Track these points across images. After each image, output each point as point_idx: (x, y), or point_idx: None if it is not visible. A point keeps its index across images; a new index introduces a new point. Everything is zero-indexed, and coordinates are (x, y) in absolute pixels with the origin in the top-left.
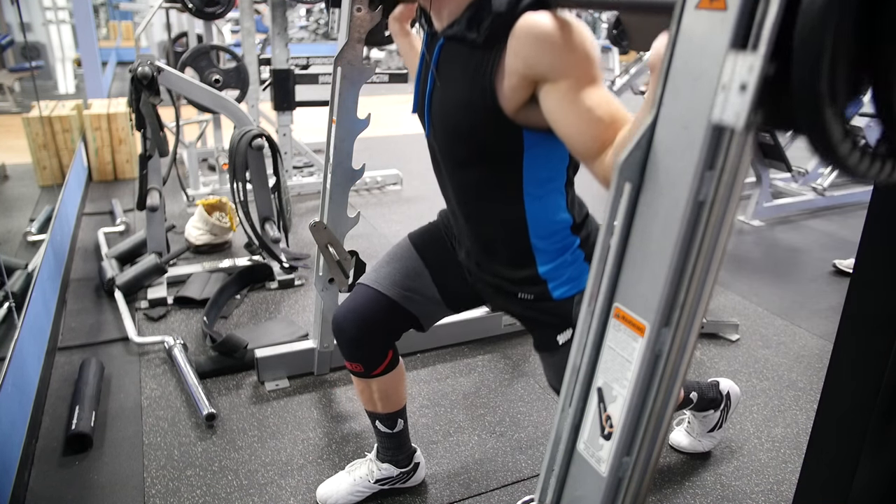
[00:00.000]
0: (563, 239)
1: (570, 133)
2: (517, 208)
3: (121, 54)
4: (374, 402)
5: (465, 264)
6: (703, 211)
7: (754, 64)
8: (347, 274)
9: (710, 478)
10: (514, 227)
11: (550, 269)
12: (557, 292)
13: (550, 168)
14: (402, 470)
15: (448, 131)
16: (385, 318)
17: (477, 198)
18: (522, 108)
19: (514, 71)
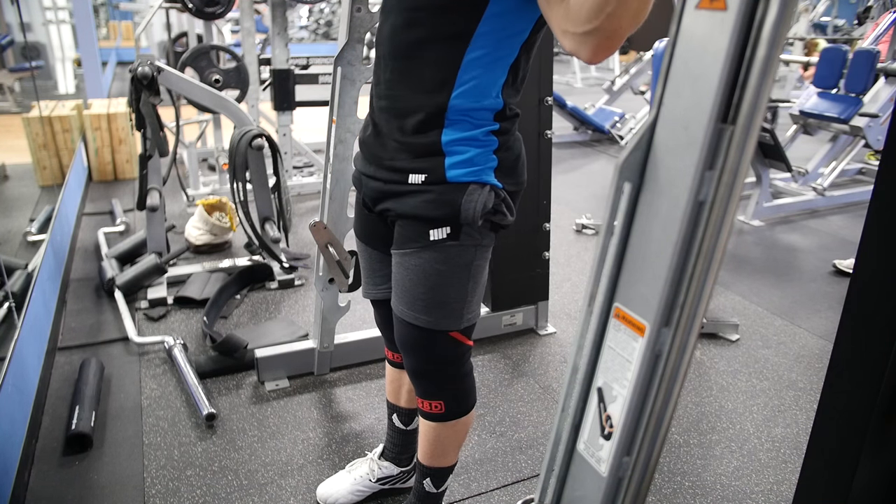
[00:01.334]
0: (482, 117)
1: None
2: (453, 62)
3: (121, 54)
4: (400, 394)
5: (362, 170)
6: (703, 211)
7: None
8: (347, 274)
9: (710, 478)
10: (440, 82)
11: (454, 139)
12: (452, 172)
13: (505, 40)
14: (403, 469)
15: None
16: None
17: (418, 41)
18: None
19: None
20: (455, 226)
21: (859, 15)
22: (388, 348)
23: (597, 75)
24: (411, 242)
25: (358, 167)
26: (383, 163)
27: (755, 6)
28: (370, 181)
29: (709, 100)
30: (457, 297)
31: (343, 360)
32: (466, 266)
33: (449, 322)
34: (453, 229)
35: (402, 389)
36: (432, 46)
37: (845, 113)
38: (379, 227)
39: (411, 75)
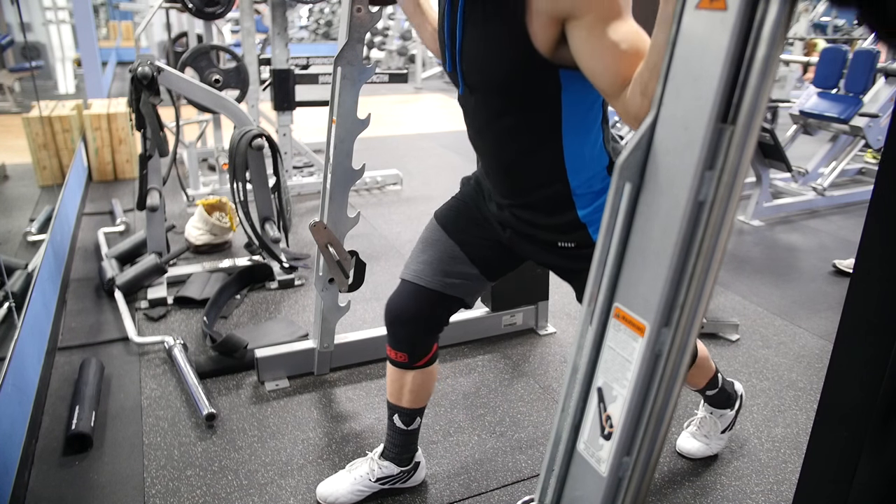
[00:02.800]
0: (601, 180)
1: (595, 68)
2: (556, 151)
3: (121, 54)
4: (401, 394)
5: (501, 219)
6: (703, 211)
7: None
8: (347, 274)
9: (710, 478)
10: (553, 171)
11: (590, 211)
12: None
13: (587, 106)
14: (403, 469)
15: (484, 82)
16: (433, 311)
17: (516, 145)
18: (556, 47)
19: (540, 10)
20: None
21: None
22: (391, 347)
23: None
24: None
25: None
26: (525, 233)
27: (755, 6)
28: (511, 234)
29: (709, 100)
30: None
31: (343, 360)
32: None
33: None
34: None
35: (403, 389)
36: (533, 152)
37: (845, 113)
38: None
39: (526, 181)
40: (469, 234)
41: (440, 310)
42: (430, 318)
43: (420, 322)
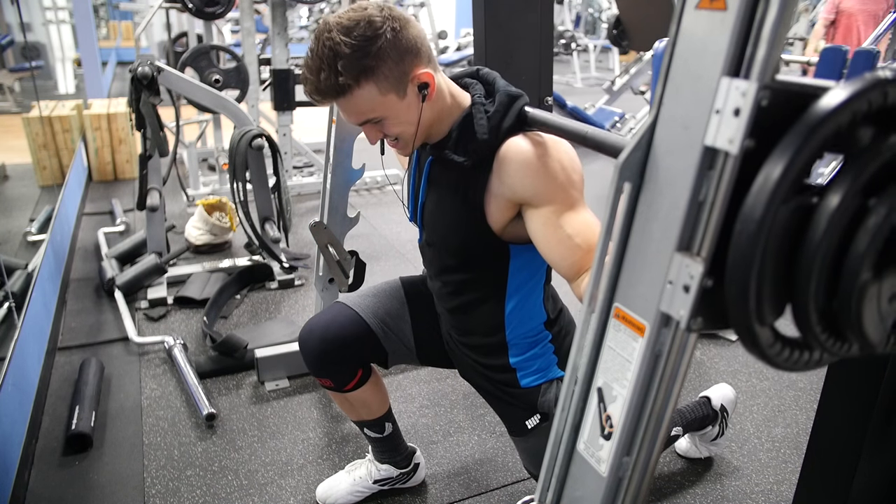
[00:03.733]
0: (536, 334)
1: (551, 255)
2: (497, 308)
3: (121, 54)
4: (356, 410)
5: (445, 336)
6: (703, 211)
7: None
8: (347, 274)
9: (709, 478)
10: (491, 324)
11: (520, 360)
12: (525, 381)
13: (533, 272)
14: (402, 471)
15: (438, 243)
16: (356, 341)
17: (462, 298)
18: (509, 225)
19: (499, 194)
20: (542, 413)
21: None
22: (319, 378)
23: (597, 75)
24: (516, 433)
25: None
26: (464, 357)
27: (755, 6)
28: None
29: (709, 100)
30: None
31: None
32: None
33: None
34: (542, 415)
35: (353, 407)
36: (476, 306)
37: None
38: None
39: (466, 326)
40: (423, 316)
41: (361, 346)
42: (346, 347)
43: (334, 345)
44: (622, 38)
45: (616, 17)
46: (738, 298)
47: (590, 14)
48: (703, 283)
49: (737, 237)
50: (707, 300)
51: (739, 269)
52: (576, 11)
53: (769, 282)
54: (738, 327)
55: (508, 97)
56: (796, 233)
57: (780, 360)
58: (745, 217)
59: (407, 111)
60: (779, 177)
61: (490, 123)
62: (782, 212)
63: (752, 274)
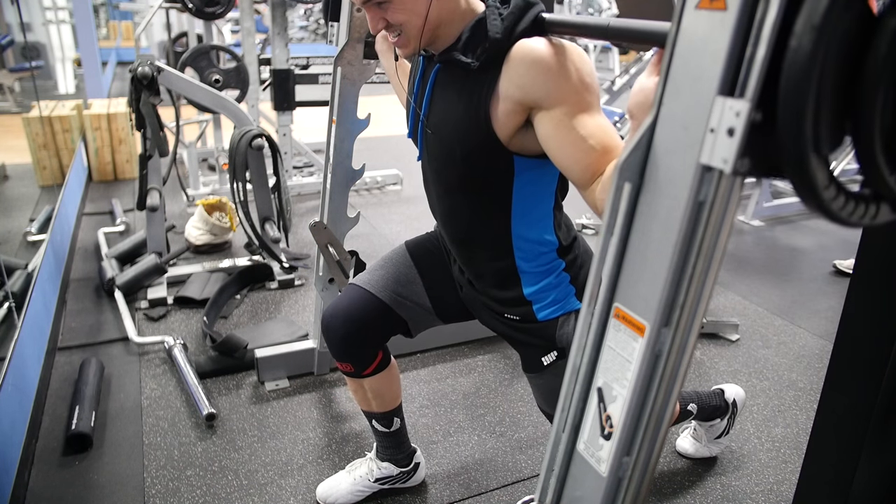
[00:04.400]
0: (549, 262)
1: (564, 160)
2: (504, 231)
3: (121, 54)
4: (368, 401)
5: (457, 279)
6: (703, 211)
7: (742, 109)
8: (347, 274)
9: (710, 478)
10: (499, 249)
11: (535, 290)
12: (542, 314)
13: (539, 193)
14: (403, 469)
15: (441, 156)
16: (375, 320)
17: (465, 220)
18: (516, 134)
19: (508, 96)
20: (559, 349)
21: None
22: (339, 361)
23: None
24: (531, 369)
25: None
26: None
27: (755, 6)
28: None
29: (709, 100)
30: None
31: None
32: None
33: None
34: (559, 351)
35: (367, 396)
36: (481, 228)
37: None
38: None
39: (475, 253)
40: (434, 272)
41: (381, 323)
42: (367, 328)
43: (355, 327)
44: None
45: (616, 17)
46: (793, 122)
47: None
48: (752, 117)
49: (793, 53)
50: (755, 141)
51: (796, 85)
52: (576, 11)
53: (828, 103)
54: (791, 159)
55: (525, 2)
56: (859, 48)
57: (835, 205)
58: (802, 28)
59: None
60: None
61: (504, 24)
62: (844, 19)
63: (809, 91)
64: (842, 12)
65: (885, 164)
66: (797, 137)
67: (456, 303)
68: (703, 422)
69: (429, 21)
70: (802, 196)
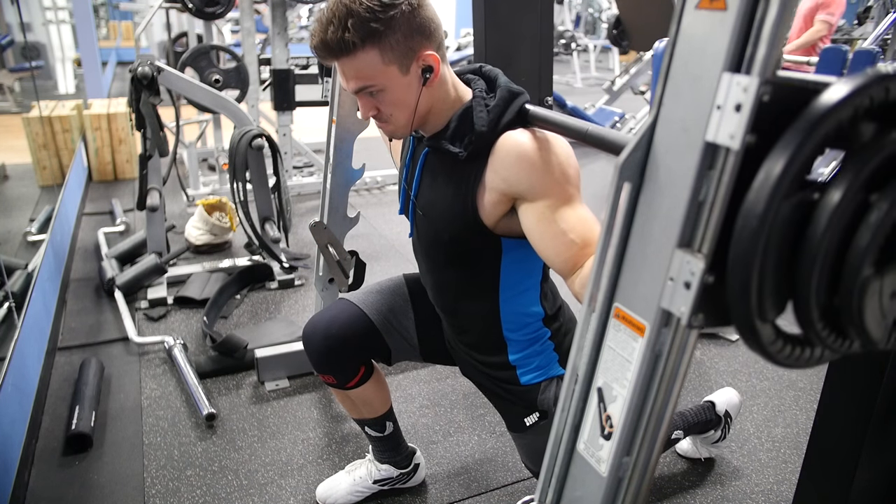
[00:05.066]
0: (535, 331)
1: (545, 251)
2: (492, 306)
3: (121, 54)
4: (357, 408)
5: (446, 331)
6: (703, 211)
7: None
8: (347, 274)
9: (709, 477)
10: (487, 322)
11: (520, 357)
12: (525, 378)
13: (526, 270)
14: (402, 471)
15: (430, 235)
16: (359, 338)
17: (453, 295)
18: (501, 220)
19: (494, 187)
20: (542, 411)
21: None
22: (320, 374)
23: (597, 75)
24: (515, 429)
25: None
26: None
27: (755, 6)
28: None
29: (709, 100)
30: None
31: None
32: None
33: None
34: (541, 413)
35: (354, 404)
36: (469, 302)
37: None
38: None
39: (462, 322)
40: (427, 312)
41: (365, 342)
42: (350, 343)
43: (337, 342)
44: (622, 38)
45: (616, 17)
46: (740, 294)
47: (590, 14)
48: (705, 279)
49: (738, 233)
50: (708, 297)
51: (741, 264)
52: (576, 11)
53: (771, 278)
54: (739, 324)
55: (510, 93)
56: (798, 229)
57: (781, 356)
58: (746, 213)
59: (406, 90)
60: (780, 172)
61: (490, 116)
62: (784, 208)
63: (753, 270)
64: (782, 202)
65: (822, 327)
66: (744, 306)
67: (441, 348)
68: (697, 435)
69: (418, 110)
70: (752, 348)
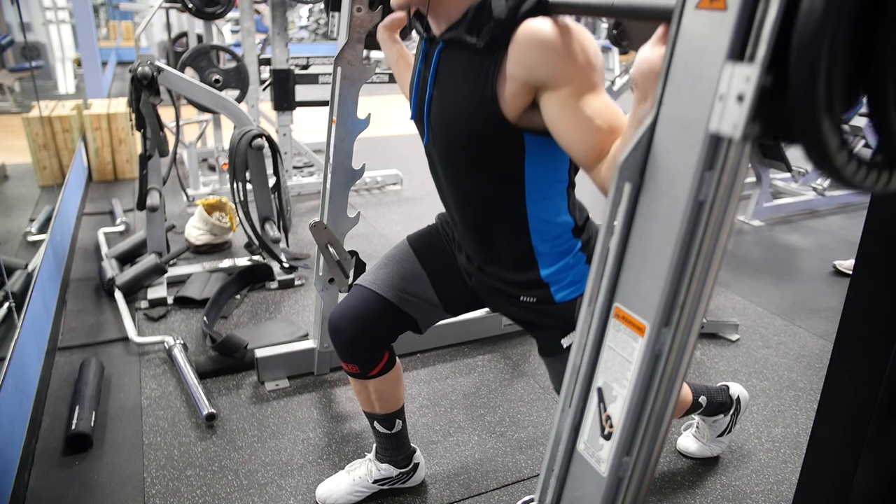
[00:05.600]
0: (565, 242)
1: (570, 140)
2: (519, 212)
3: (121, 54)
4: (371, 402)
5: (465, 268)
6: (703, 211)
7: (751, 75)
8: (347, 274)
9: (710, 478)
10: (516, 232)
11: (552, 272)
12: (560, 295)
13: (552, 171)
14: (402, 470)
15: (448, 138)
16: (381, 320)
17: (478, 204)
18: (524, 113)
19: (514, 77)
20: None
21: None
22: (346, 363)
23: None
24: (550, 353)
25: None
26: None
27: (755, 6)
28: (477, 279)
29: (709, 100)
30: None
31: None
32: None
33: None
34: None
35: (370, 398)
36: (496, 210)
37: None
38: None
39: (491, 237)
40: (438, 265)
41: (389, 322)
42: (375, 328)
43: (363, 328)
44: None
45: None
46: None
47: None
48: (762, 82)
49: (805, 12)
50: (764, 108)
51: (808, 46)
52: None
53: (841, 63)
54: (802, 122)
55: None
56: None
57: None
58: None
59: None
60: None
61: (508, 5)
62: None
63: (822, 51)
64: None
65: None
66: (809, 99)
67: (463, 294)
68: (707, 417)
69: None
70: (814, 160)
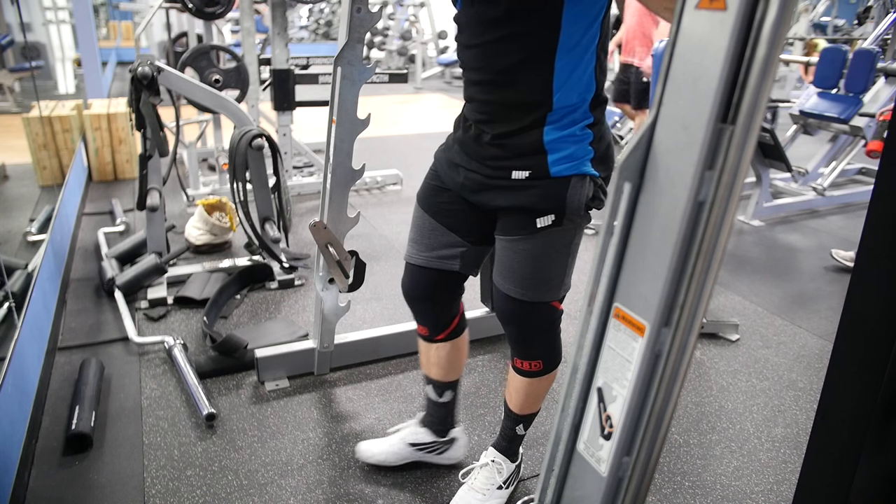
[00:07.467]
0: (580, 110)
1: None
2: (546, 69)
3: (121, 54)
4: (429, 366)
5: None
6: (703, 211)
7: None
8: (347, 274)
9: (709, 478)
10: (538, 82)
11: (556, 138)
12: (555, 168)
13: (585, 27)
14: (438, 439)
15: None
16: (433, 287)
17: (508, 57)
18: None
19: None
20: (559, 213)
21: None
22: (415, 320)
23: None
24: (519, 230)
25: (450, 157)
26: (485, 161)
27: (755, 6)
28: (468, 173)
29: (709, 100)
30: (558, 273)
31: (343, 360)
32: (567, 245)
33: (551, 294)
34: (557, 216)
35: (429, 362)
36: (524, 66)
37: (845, 113)
38: (456, 208)
39: (510, 99)
40: (437, 205)
41: (440, 284)
42: (433, 295)
43: (425, 298)
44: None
45: (616, 17)
46: None
47: None
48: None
49: None
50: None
51: None
52: None
53: None
54: None
55: None
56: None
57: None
58: None
59: None
60: None
61: None
62: None
63: None
64: None
65: None
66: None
67: (469, 215)
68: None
69: None
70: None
